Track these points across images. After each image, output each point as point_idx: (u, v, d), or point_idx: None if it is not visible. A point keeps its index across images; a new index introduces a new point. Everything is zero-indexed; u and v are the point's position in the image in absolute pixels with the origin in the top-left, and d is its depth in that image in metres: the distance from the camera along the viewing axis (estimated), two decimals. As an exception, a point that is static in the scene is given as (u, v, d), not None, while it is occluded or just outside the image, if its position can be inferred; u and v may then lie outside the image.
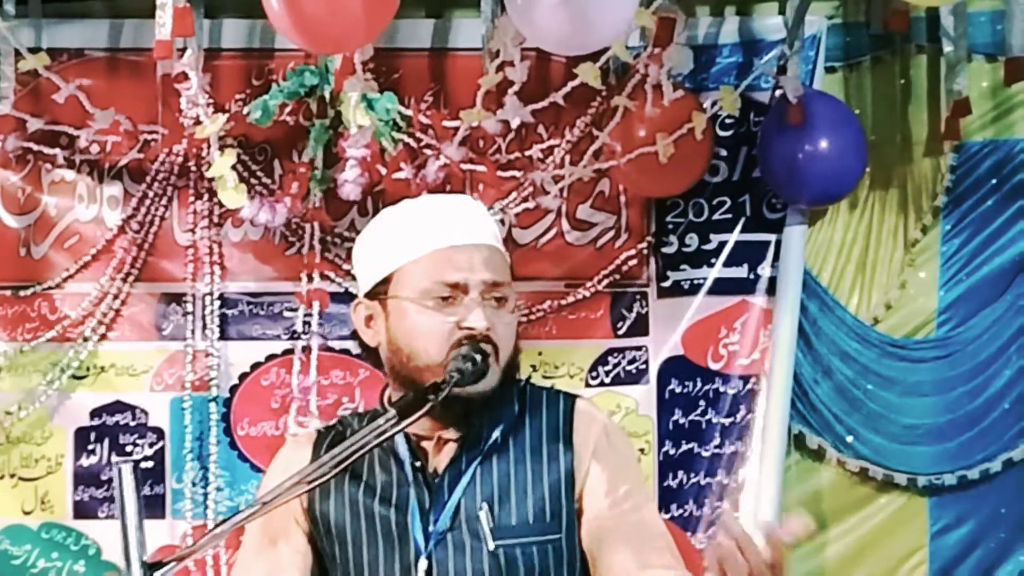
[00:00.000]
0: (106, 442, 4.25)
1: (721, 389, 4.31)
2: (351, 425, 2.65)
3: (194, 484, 4.24)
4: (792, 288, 4.29)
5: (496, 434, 2.53)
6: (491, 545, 2.47)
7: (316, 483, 2.29)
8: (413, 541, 2.49)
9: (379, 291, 2.55)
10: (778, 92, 4.19)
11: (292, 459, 2.59)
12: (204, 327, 4.25)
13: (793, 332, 4.28)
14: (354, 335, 2.65)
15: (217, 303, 4.26)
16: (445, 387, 2.38)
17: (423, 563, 2.48)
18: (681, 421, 4.30)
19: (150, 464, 4.23)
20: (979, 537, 4.36)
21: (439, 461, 2.54)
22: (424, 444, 2.55)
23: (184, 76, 4.08)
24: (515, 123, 4.09)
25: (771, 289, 4.31)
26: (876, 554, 4.38)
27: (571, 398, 2.60)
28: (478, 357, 2.44)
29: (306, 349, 4.26)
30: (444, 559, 2.47)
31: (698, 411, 4.31)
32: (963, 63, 4.16)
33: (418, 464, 2.53)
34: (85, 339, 4.22)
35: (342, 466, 2.31)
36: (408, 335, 2.50)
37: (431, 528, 2.49)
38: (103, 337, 4.23)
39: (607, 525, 2.51)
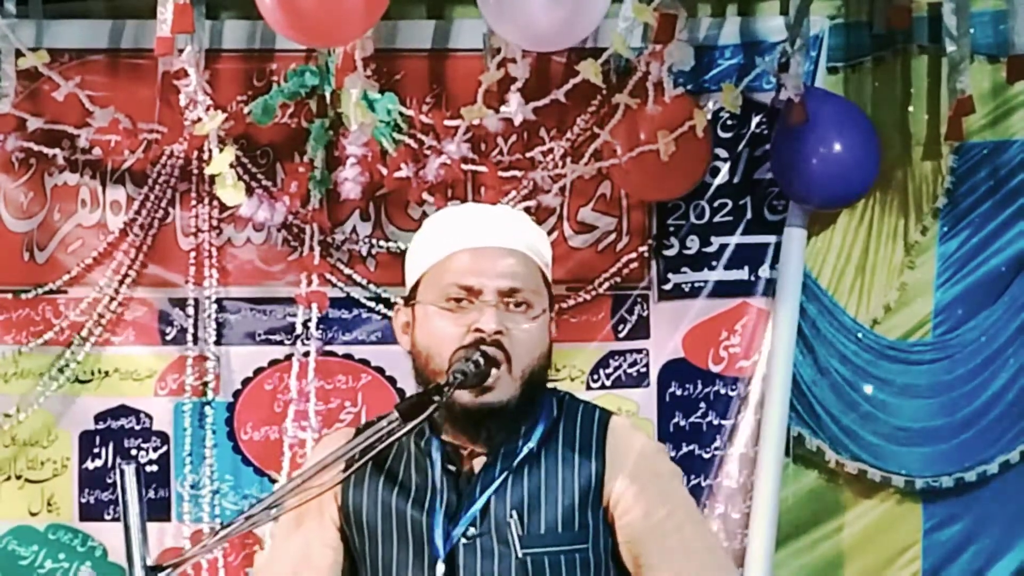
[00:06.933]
0: (111, 446, 4.26)
1: (721, 391, 4.32)
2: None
3: (198, 488, 4.25)
4: (792, 290, 4.30)
5: (532, 443, 2.55)
6: (519, 552, 2.49)
7: (317, 489, 2.30)
8: (433, 544, 2.50)
9: (411, 297, 2.59)
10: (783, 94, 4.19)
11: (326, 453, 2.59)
12: (207, 331, 4.25)
13: (792, 334, 4.29)
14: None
15: (219, 307, 4.26)
16: (449, 389, 2.39)
17: (440, 567, 2.49)
18: (682, 423, 4.31)
19: (154, 468, 4.24)
20: (973, 535, 4.37)
21: (474, 465, 2.55)
22: (461, 450, 2.56)
23: (184, 73, 4.08)
24: (518, 119, 4.09)
25: (771, 291, 4.32)
26: (869, 551, 4.39)
27: (607, 414, 2.61)
28: (480, 359, 2.44)
29: (307, 353, 4.26)
30: (472, 564, 2.49)
31: (698, 413, 4.32)
32: (966, 62, 4.16)
33: (452, 468, 2.55)
34: (84, 339, 4.22)
35: (350, 471, 2.35)
36: (428, 338, 2.53)
37: (454, 532, 2.50)
38: (107, 341, 4.24)
39: (647, 549, 2.53)
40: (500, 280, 2.51)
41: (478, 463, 2.54)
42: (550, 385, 2.63)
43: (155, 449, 4.28)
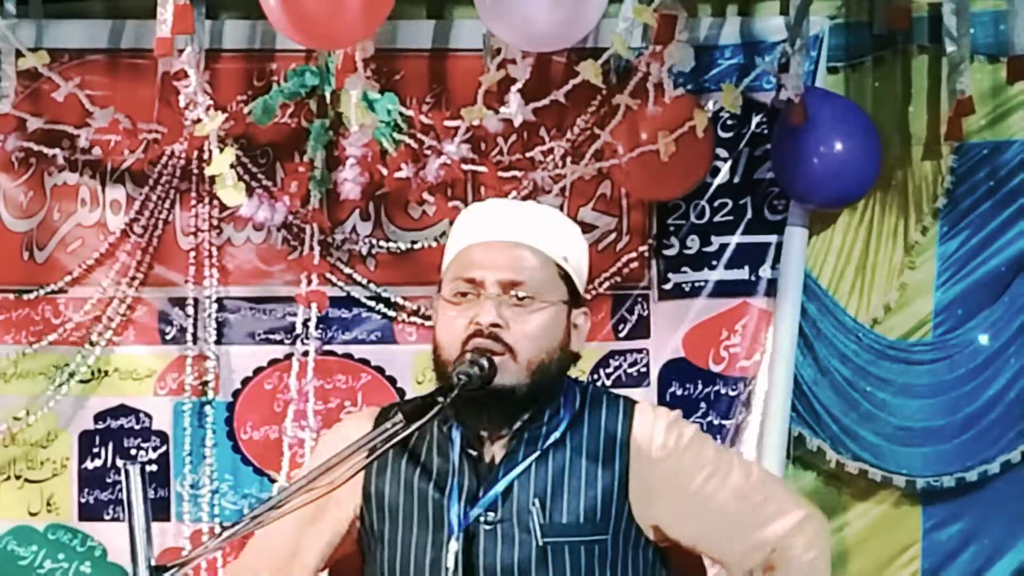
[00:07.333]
0: (110, 446, 4.27)
1: (722, 391, 4.32)
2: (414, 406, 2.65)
3: (197, 488, 4.25)
4: (792, 290, 4.31)
5: (556, 432, 2.56)
6: (540, 540, 2.50)
7: (327, 489, 2.31)
8: (449, 524, 2.52)
9: (439, 292, 2.61)
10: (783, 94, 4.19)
11: (349, 434, 2.56)
12: (207, 331, 4.25)
13: (793, 334, 4.29)
14: None
15: (219, 307, 4.26)
16: (454, 390, 2.41)
17: (454, 545, 2.50)
18: (682, 423, 4.30)
19: (154, 468, 4.24)
20: (973, 535, 4.38)
21: (495, 452, 2.56)
22: (482, 433, 2.57)
23: (184, 74, 4.08)
24: (518, 120, 4.09)
25: (771, 291, 4.32)
26: (869, 551, 4.40)
27: (632, 402, 2.63)
28: (485, 363, 2.45)
29: (307, 353, 4.26)
30: (492, 549, 2.51)
31: (699, 413, 4.32)
32: (966, 62, 4.17)
33: (472, 452, 2.56)
34: (92, 343, 4.22)
35: (356, 472, 2.36)
36: (439, 331, 2.57)
37: (471, 512, 2.52)
38: (108, 341, 4.24)
39: (698, 524, 2.57)
40: (502, 272, 2.52)
41: (498, 449, 2.55)
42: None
43: (155, 449, 4.28)
